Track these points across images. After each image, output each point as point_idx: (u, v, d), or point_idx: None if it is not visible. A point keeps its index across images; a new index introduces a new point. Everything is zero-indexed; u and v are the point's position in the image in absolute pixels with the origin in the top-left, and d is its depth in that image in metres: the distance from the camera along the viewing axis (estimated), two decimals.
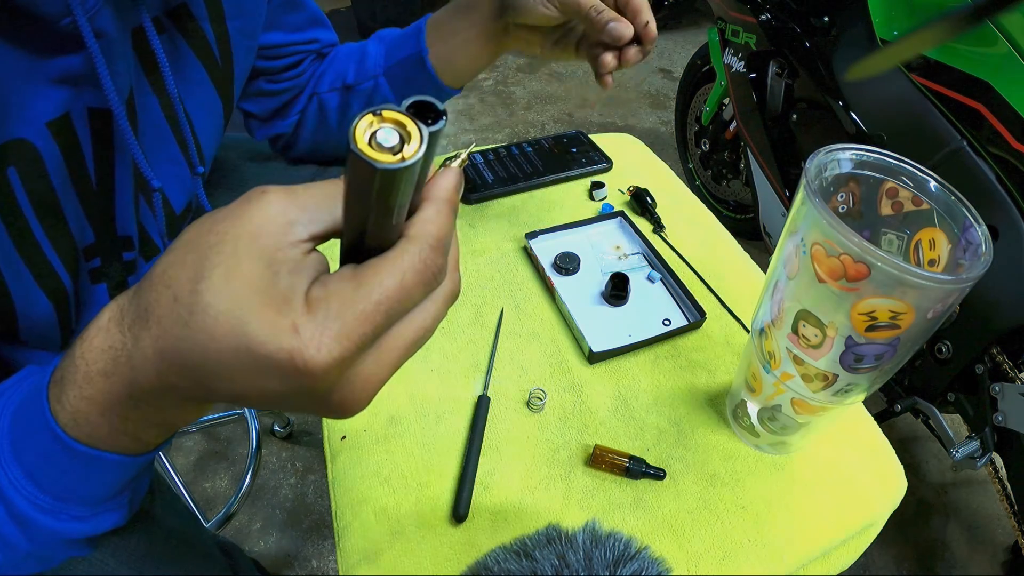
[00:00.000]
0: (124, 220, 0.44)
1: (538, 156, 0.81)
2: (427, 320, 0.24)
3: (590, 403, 0.54)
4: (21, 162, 0.34)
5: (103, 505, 0.30)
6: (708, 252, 0.70)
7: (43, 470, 0.27)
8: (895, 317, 0.34)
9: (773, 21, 1.17)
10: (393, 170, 0.18)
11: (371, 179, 0.18)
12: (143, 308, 0.23)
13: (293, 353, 0.20)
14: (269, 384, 0.21)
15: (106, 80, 0.35)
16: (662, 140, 2.25)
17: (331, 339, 0.21)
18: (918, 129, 0.92)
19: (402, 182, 0.19)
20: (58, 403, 0.26)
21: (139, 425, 0.26)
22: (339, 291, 0.21)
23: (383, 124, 0.18)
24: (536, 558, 0.35)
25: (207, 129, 0.50)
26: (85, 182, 0.40)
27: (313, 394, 0.22)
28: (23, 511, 0.28)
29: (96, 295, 0.45)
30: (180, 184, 0.49)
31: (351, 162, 0.18)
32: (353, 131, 0.18)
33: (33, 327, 0.40)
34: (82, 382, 0.25)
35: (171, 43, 0.44)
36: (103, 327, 0.24)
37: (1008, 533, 1.19)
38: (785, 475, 0.50)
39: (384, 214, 0.20)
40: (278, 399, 0.23)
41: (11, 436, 0.28)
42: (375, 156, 0.18)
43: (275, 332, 0.20)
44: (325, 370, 0.21)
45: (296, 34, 0.60)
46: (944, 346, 0.92)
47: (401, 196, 0.20)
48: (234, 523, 1.14)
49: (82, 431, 0.26)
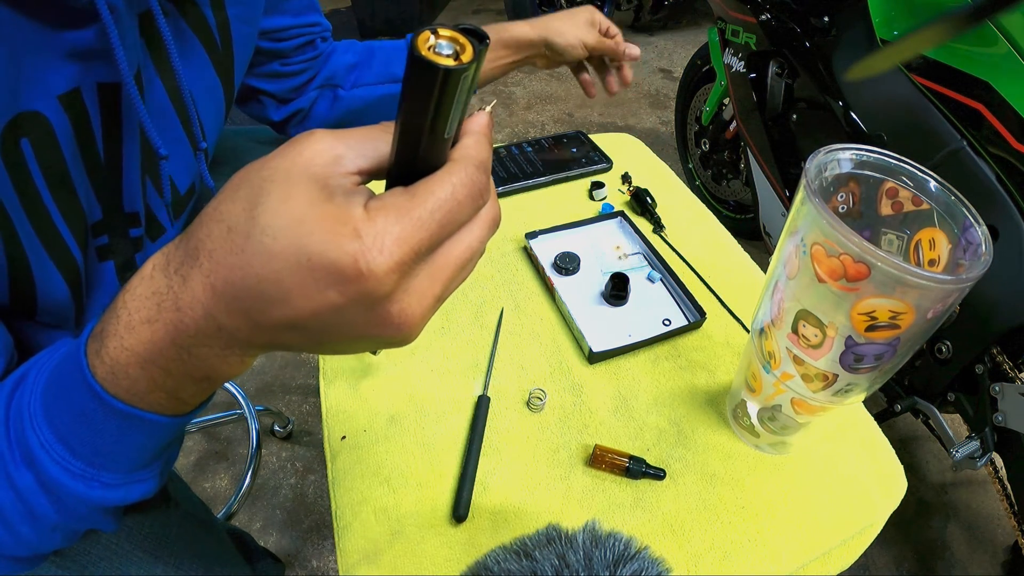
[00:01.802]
0: (131, 196, 0.45)
1: (538, 156, 0.81)
2: (474, 241, 0.25)
3: (590, 403, 0.54)
4: (34, 134, 0.35)
5: (135, 474, 0.30)
6: (708, 252, 0.70)
7: (76, 432, 0.27)
8: (895, 317, 0.34)
9: (773, 21, 1.17)
10: (453, 70, 0.20)
11: (433, 81, 0.20)
12: (192, 247, 0.23)
13: (356, 256, 0.21)
14: (328, 296, 0.21)
15: (119, 52, 0.36)
16: (662, 140, 2.25)
17: (392, 242, 0.21)
18: (918, 129, 0.92)
19: (459, 86, 0.21)
20: (96, 357, 0.25)
21: (179, 380, 0.26)
22: (395, 202, 0.22)
23: (439, 39, 0.20)
24: (536, 558, 0.35)
25: (209, 111, 0.51)
26: (94, 157, 0.40)
27: (373, 303, 0.22)
28: (54, 477, 0.27)
29: (104, 273, 0.45)
30: (184, 164, 0.50)
31: (413, 70, 0.20)
32: (415, 41, 0.20)
33: (49, 302, 0.40)
34: (123, 332, 0.25)
35: (175, 27, 0.45)
36: (147, 275, 0.24)
37: (1008, 533, 1.19)
38: (785, 475, 0.50)
39: (439, 125, 0.22)
40: (334, 315, 0.22)
41: (44, 399, 0.27)
42: (437, 59, 0.20)
43: (336, 238, 0.21)
44: (387, 272, 0.21)
45: (299, 17, 0.63)
46: (944, 346, 0.92)
47: (456, 104, 0.22)
48: (234, 523, 1.14)
49: (120, 386, 0.25)
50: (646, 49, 2.91)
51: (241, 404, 1.23)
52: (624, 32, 1.48)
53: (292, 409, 1.33)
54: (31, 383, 0.28)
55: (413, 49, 0.20)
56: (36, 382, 0.28)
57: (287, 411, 1.32)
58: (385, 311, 0.23)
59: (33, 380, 0.28)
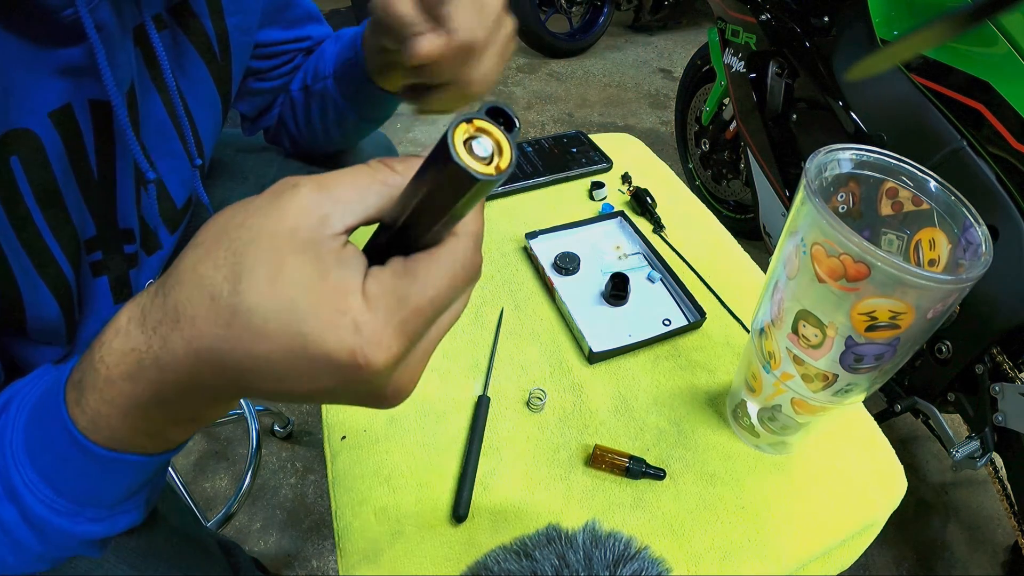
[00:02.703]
0: (125, 212, 0.44)
1: (538, 156, 0.81)
2: (459, 307, 0.25)
3: (590, 403, 0.54)
4: (24, 151, 0.35)
5: (120, 506, 0.30)
6: (708, 252, 0.70)
7: (60, 473, 0.27)
8: (895, 317, 0.34)
9: (773, 21, 1.17)
10: (490, 180, 0.18)
11: (466, 188, 0.19)
12: (171, 307, 0.22)
13: (355, 351, 0.20)
14: (322, 382, 0.21)
15: (105, 71, 0.35)
16: (662, 140, 2.25)
17: (391, 335, 0.21)
18: (918, 129, 0.92)
19: (489, 189, 0.19)
20: (76, 406, 0.25)
21: (163, 424, 0.26)
22: (395, 288, 0.21)
23: (477, 134, 0.19)
24: (536, 558, 0.35)
25: (206, 124, 0.51)
26: (86, 173, 0.40)
27: (370, 389, 0.22)
28: (39, 515, 0.27)
29: (98, 288, 0.45)
30: (180, 178, 0.50)
31: (445, 170, 0.18)
32: (452, 139, 0.18)
33: (38, 319, 0.40)
34: (103, 386, 0.24)
35: (173, 39, 0.45)
36: (122, 329, 0.23)
37: (1008, 533, 1.19)
38: (785, 475, 0.50)
39: (457, 217, 0.21)
40: (327, 395, 0.23)
41: (26, 438, 0.27)
42: (476, 167, 0.18)
43: (335, 330, 0.20)
44: (387, 366, 0.21)
45: (291, 31, 0.60)
46: (944, 346, 0.92)
47: (478, 201, 0.21)
48: (234, 523, 1.14)
49: (102, 434, 0.25)
50: (646, 49, 2.91)
51: (241, 404, 1.23)
52: (624, 32, 1.47)
53: (292, 409, 1.33)
54: (12, 417, 0.28)
55: (451, 149, 0.18)
56: (18, 417, 0.27)
57: (287, 411, 1.32)
58: (381, 392, 0.23)
59: (15, 414, 0.28)
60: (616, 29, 3.05)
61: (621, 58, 2.82)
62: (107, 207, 0.43)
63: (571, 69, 2.69)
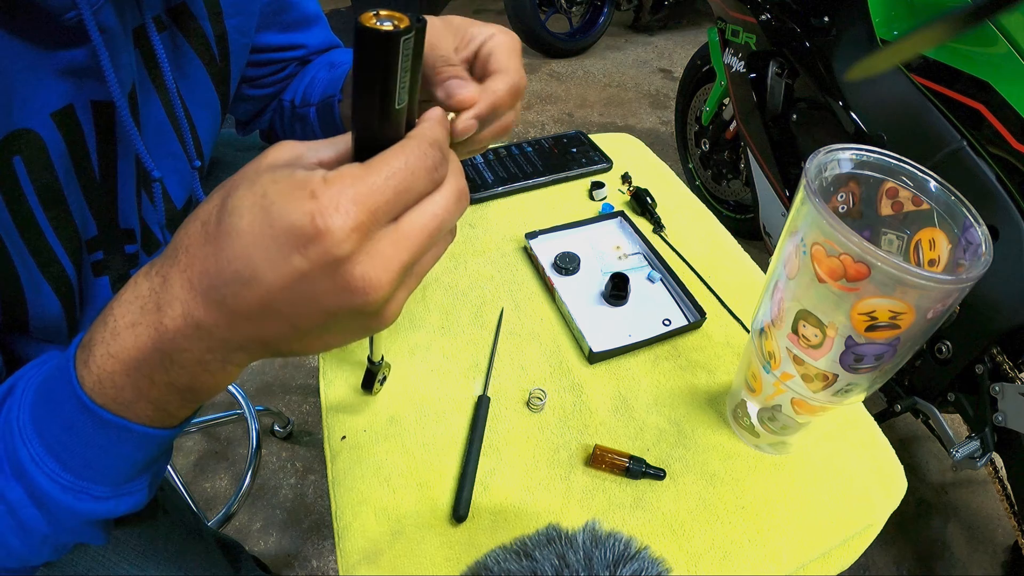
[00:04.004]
0: (126, 213, 0.45)
1: (538, 156, 0.81)
2: (438, 210, 0.26)
3: (590, 403, 0.54)
4: (26, 151, 0.35)
5: (124, 486, 0.30)
6: (708, 252, 0.70)
7: (66, 444, 0.28)
8: (895, 317, 0.34)
9: (773, 21, 1.17)
10: (393, 34, 0.22)
11: (375, 46, 0.23)
12: (172, 247, 0.25)
13: (314, 214, 0.22)
14: (293, 262, 0.22)
15: (109, 73, 0.36)
16: (662, 140, 2.25)
17: (348, 201, 0.22)
18: (918, 129, 0.92)
19: (400, 51, 0.23)
20: (84, 367, 0.26)
21: (164, 390, 0.27)
22: (351, 171, 0.23)
23: (381, 16, 0.23)
24: (536, 558, 0.35)
25: (205, 125, 0.51)
26: (88, 174, 0.40)
27: (335, 265, 0.23)
28: (44, 490, 0.28)
29: (99, 288, 0.45)
30: (180, 179, 0.50)
31: (359, 41, 0.23)
32: (360, 18, 0.22)
33: (41, 317, 0.41)
34: (109, 338, 0.26)
35: (172, 41, 0.45)
36: (132, 282, 0.26)
37: (1008, 533, 1.19)
38: (785, 475, 0.50)
39: (388, 92, 0.24)
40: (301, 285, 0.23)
41: (33, 412, 0.28)
42: (379, 27, 0.22)
43: (294, 201, 0.22)
44: (345, 230, 0.22)
45: (286, 35, 0.59)
46: (944, 346, 0.92)
47: (401, 71, 0.24)
48: (234, 523, 1.14)
49: (107, 395, 0.26)
50: (646, 49, 2.91)
51: (241, 404, 1.23)
52: (624, 32, 1.46)
53: (292, 409, 1.33)
54: (19, 396, 0.29)
55: (358, 23, 0.22)
56: (24, 395, 0.28)
57: (287, 411, 1.32)
58: (348, 273, 0.23)
59: (21, 393, 0.29)
60: (616, 29, 3.05)
61: (621, 58, 2.82)
62: (108, 207, 0.43)
63: (571, 69, 2.69)
